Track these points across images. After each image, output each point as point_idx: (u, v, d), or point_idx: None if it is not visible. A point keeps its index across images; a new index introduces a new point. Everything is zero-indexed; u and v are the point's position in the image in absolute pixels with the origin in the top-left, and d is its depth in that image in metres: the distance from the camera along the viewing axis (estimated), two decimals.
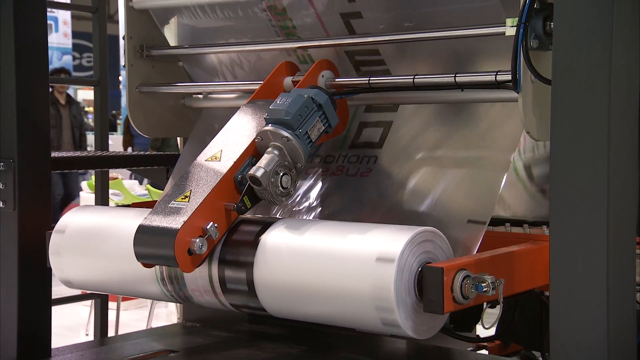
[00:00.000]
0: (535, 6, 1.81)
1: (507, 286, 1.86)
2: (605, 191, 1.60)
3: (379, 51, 2.35)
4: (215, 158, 2.12)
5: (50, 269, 2.38)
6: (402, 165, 2.28)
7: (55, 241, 2.33)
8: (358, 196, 2.31)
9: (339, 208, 2.33)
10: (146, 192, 6.91)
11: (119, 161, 3.04)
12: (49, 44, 2.67)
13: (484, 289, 1.79)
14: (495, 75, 2.00)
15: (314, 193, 2.41)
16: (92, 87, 3.74)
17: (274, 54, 2.55)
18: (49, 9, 2.76)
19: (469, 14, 2.11)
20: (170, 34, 2.73)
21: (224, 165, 2.08)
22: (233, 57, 2.68)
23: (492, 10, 2.05)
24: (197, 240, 1.95)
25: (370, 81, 2.27)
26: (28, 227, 2.37)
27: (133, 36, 2.69)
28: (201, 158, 2.15)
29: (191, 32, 2.68)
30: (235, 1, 2.49)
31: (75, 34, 14.03)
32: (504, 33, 1.91)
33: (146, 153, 3.15)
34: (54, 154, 2.71)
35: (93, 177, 3.90)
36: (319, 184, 2.41)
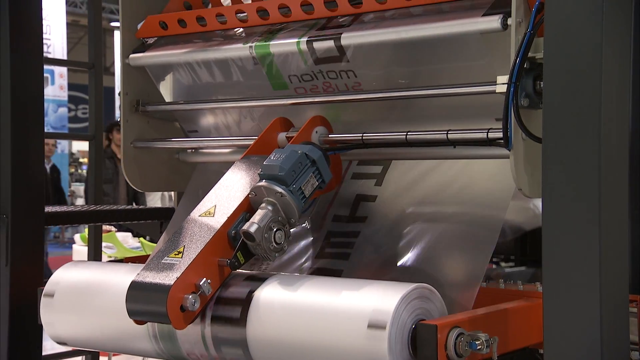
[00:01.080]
0: (525, 66, 1.84)
1: (501, 344, 1.85)
2: (597, 248, 1.61)
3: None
4: (209, 213, 2.13)
5: (41, 325, 2.36)
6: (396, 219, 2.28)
7: (46, 298, 2.31)
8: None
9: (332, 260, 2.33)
10: (139, 244, 6.88)
11: (112, 215, 3.04)
12: (45, 97, 2.70)
13: (478, 347, 1.78)
14: (487, 132, 2.02)
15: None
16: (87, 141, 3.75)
17: (267, 110, 2.58)
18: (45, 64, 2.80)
19: (460, 72, 2.15)
20: (166, 89, 2.76)
21: (218, 221, 2.08)
22: (228, 113, 2.71)
23: (483, 68, 2.08)
24: (190, 296, 1.94)
25: (364, 137, 2.29)
26: (20, 283, 2.36)
27: (129, 92, 2.72)
28: (195, 213, 2.15)
29: (186, 88, 2.72)
30: (228, 58, 2.52)
31: (70, 86, 14.13)
32: (494, 91, 1.95)
33: (140, 207, 3.15)
34: (47, 209, 2.71)
35: (86, 230, 3.90)
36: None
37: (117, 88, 2.61)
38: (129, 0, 2.70)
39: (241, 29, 2.56)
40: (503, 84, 1.89)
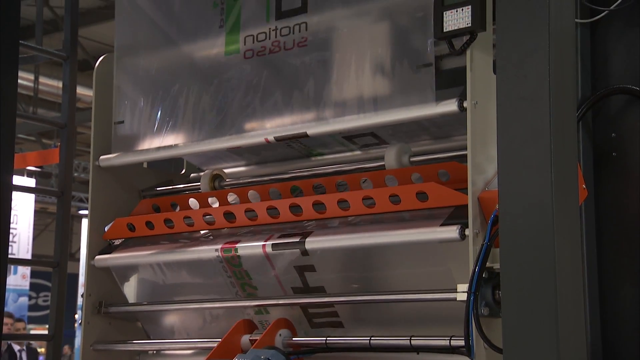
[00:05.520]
0: (484, 276, 1.89)
1: None
2: None
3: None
4: None
5: None
6: None
7: None
8: None
9: None
10: None
11: None
12: (6, 286, 2.67)
13: None
14: (450, 340, 2.03)
15: None
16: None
17: (232, 310, 2.57)
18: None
19: (421, 278, 2.19)
20: (130, 290, 2.74)
21: None
22: (191, 313, 2.69)
23: (443, 275, 2.13)
24: None
25: (327, 341, 2.28)
26: None
27: (92, 293, 2.70)
28: None
29: (150, 289, 2.71)
30: (195, 260, 2.55)
31: (33, 273, 13.94)
32: (455, 298, 1.98)
33: None
34: None
35: None
36: None
37: (82, 276, 2.60)
38: (98, 203, 2.75)
39: (208, 231, 2.61)
40: (463, 292, 1.93)
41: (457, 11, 2.02)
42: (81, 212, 15.45)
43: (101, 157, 2.74)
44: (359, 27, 2.32)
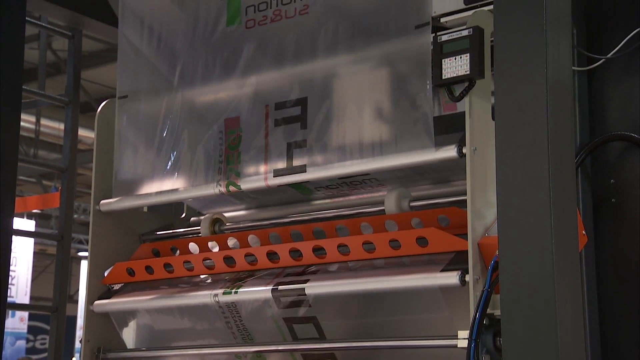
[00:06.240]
0: (484, 322, 1.88)
1: None
2: None
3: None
4: None
5: None
6: None
7: None
8: None
9: None
10: None
11: None
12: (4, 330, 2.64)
13: None
14: None
15: None
16: None
17: (230, 356, 2.55)
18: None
19: (421, 324, 2.18)
20: (128, 336, 2.72)
21: None
22: (190, 359, 2.67)
23: (443, 320, 2.12)
24: None
25: None
26: None
27: (90, 339, 2.67)
28: None
29: (149, 334, 2.69)
30: (194, 305, 2.53)
31: (31, 316, 13.82)
32: (455, 345, 1.97)
33: None
34: None
35: None
36: None
37: (80, 318, 2.58)
38: (98, 248, 2.74)
39: (208, 276, 2.61)
40: (464, 339, 1.92)
41: (455, 59, 2.05)
42: (80, 253, 15.41)
43: (102, 201, 2.75)
44: (360, 72, 2.35)
